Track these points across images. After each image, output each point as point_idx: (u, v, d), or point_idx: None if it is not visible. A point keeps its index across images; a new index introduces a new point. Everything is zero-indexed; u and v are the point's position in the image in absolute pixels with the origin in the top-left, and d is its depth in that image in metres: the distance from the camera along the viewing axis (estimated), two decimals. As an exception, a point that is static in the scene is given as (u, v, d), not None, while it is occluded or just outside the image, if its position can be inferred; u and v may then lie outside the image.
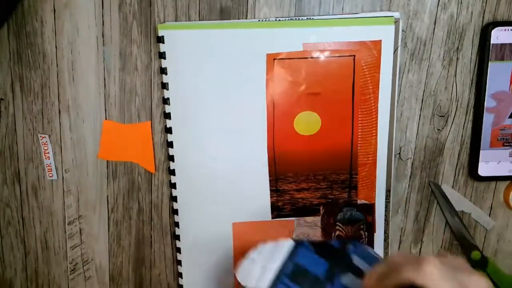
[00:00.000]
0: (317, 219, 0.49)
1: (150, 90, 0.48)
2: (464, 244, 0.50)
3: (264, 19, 0.45)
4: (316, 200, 0.49)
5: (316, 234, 0.50)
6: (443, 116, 0.48)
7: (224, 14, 0.46)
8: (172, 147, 0.48)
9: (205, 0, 0.46)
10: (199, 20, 0.46)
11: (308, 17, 0.45)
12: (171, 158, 0.48)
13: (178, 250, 0.51)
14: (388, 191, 0.48)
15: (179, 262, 0.51)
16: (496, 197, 0.50)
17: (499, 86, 0.46)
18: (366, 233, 0.50)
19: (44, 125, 0.49)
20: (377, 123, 0.46)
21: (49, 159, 0.50)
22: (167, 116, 0.47)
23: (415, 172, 0.49)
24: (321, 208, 0.49)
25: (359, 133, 0.47)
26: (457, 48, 0.46)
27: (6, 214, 0.52)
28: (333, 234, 0.50)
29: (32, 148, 0.50)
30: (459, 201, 0.49)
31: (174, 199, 0.50)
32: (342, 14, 0.46)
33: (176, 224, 0.50)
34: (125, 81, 0.48)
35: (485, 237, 0.51)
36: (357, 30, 0.44)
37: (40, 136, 0.50)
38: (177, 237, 0.51)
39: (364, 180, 0.48)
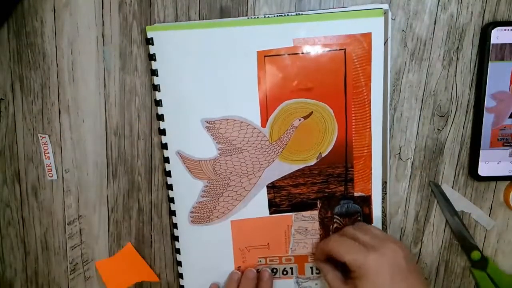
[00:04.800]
0: (315, 213, 0.50)
1: (150, 90, 0.48)
2: (464, 244, 0.50)
3: (252, 16, 0.46)
4: (313, 194, 0.49)
5: (314, 228, 0.50)
6: (443, 116, 0.48)
7: (224, 14, 0.46)
8: (166, 148, 0.48)
9: (205, 0, 0.46)
10: (199, 20, 0.46)
11: (297, 12, 0.45)
12: (166, 160, 0.48)
13: (178, 251, 0.51)
14: (384, 182, 0.49)
15: (179, 263, 0.51)
16: (496, 197, 0.50)
17: (499, 86, 0.46)
18: None
19: (44, 125, 0.50)
20: (370, 115, 0.46)
21: (49, 159, 0.50)
22: (160, 117, 0.47)
23: (415, 172, 0.49)
24: (318, 202, 0.49)
25: (353, 126, 0.47)
26: (457, 48, 0.46)
27: (6, 214, 0.52)
28: (331, 227, 0.50)
29: (32, 148, 0.50)
30: (459, 201, 0.49)
31: (171, 200, 0.50)
32: (331, 8, 0.46)
33: (175, 225, 0.50)
34: (125, 81, 0.48)
35: (485, 237, 0.51)
36: (346, 23, 0.44)
37: (40, 136, 0.50)
38: (176, 238, 0.51)
39: (360, 172, 0.48)
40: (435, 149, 0.49)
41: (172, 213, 0.50)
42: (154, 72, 0.46)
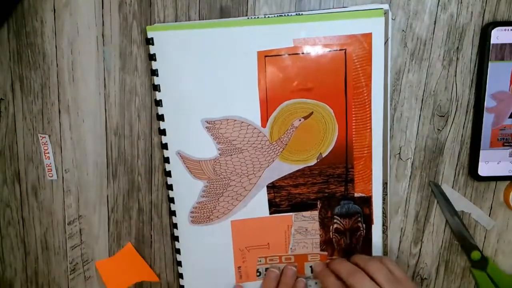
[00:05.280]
0: (315, 213, 0.49)
1: (150, 90, 0.48)
2: (464, 244, 0.50)
3: (252, 16, 0.45)
4: (313, 195, 0.49)
5: (314, 228, 0.50)
6: (443, 116, 0.48)
7: (224, 14, 0.46)
8: (167, 148, 0.48)
9: (205, 0, 0.46)
10: (199, 20, 0.46)
11: (297, 12, 0.45)
12: (166, 160, 0.48)
13: (178, 251, 0.51)
14: (385, 183, 0.49)
15: (179, 263, 0.51)
16: (496, 197, 0.50)
17: (499, 86, 0.46)
18: (364, 225, 0.50)
19: (44, 125, 0.49)
20: (370, 115, 0.46)
21: (49, 159, 0.50)
22: (160, 118, 0.47)
23: (415, 172, 0.49)
24: (318, 203, 0.49)
25: (353, 127, 0.47)
26: (457, 48, 0.46)
27: (6, 214, 0.52)
28: (331, 227, 0.50)
29: (32, 148, 0.50)
30: (459, 201, 0.49)
31: (171, 200, 0.50)
32: (331, 8, 0.46)
33: (175, 225, 0.50)
34: (125, 81, 0.48)
35: (485, 237, 0.51)
36: (346, 23, 0.44)
37: (40, 136, 0.50)
38: (176, 238, 0.51)
39: (360, 173, 0.48)
40: (435, 149, 0.49)
41: (172, 213, 0.50)
42: (154, 72, 0.46)
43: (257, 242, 0.51)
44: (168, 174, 0.49)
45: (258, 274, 0.51)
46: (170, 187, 0.49)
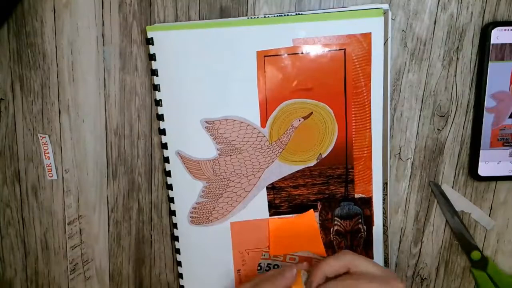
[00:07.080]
0: (315, 215, 0.49)
1: (150, 90, 0.48)
2: (464, 244, 0.50)
3: (252, 16, 0.45)
4: (313, 196, 0.49)
5: None
6: (443, 116, 0.48)
7: (224, 14, 0.46)
8: (166, 148, 0.48)
9: (205, 0, 0.46)
10: (199, 20, 0.46)
11: (297, 12, 0.45)
12: (166, 160, 0.48)
13: (178, 251, 0.51)
14: (385, 184, 0.49)
15: (179, 263, 0.51)
16: (496, 197, 0.50)
17: (499, 86, 0.46)
18: (365, 227, 0.50)
19: (44, 125, 0.50)
20: (370, 115, 0.46)
21: (49, 159, 0.50)
22: (160, 117, 0.47)
23: (415, 172, 0.49)
24: (318, 204, 0.49)
25: (353, 127, 0.47)
26: (457, 48, 0.46)
27: (6, 214, 0.52)
28: (331, 229, 0.50)
29: (32, 148, 0.50)
30: (459, 201, 0.49)
31: (171, 200, 0.50)
32: (331, 8, 0.46)
33: (175, 225, 0.50)
34: (125, 81, 0.48)
35: (485, 237, 0.51)
36: (346, 23, 0.44)
37: (40, 136, 0.50)
38: (176, 238, 0.51)
39: (360, 174, 0.48)
40: (435, 149, 0.49)
41: (172, 213, 0.50)
42: (154, 72, 0.46)
43: (257, 245, 0.50)
44: (168, 174, 0.49)
45: (259, 268, 0.51)
46: (170, 187, 0.49)
